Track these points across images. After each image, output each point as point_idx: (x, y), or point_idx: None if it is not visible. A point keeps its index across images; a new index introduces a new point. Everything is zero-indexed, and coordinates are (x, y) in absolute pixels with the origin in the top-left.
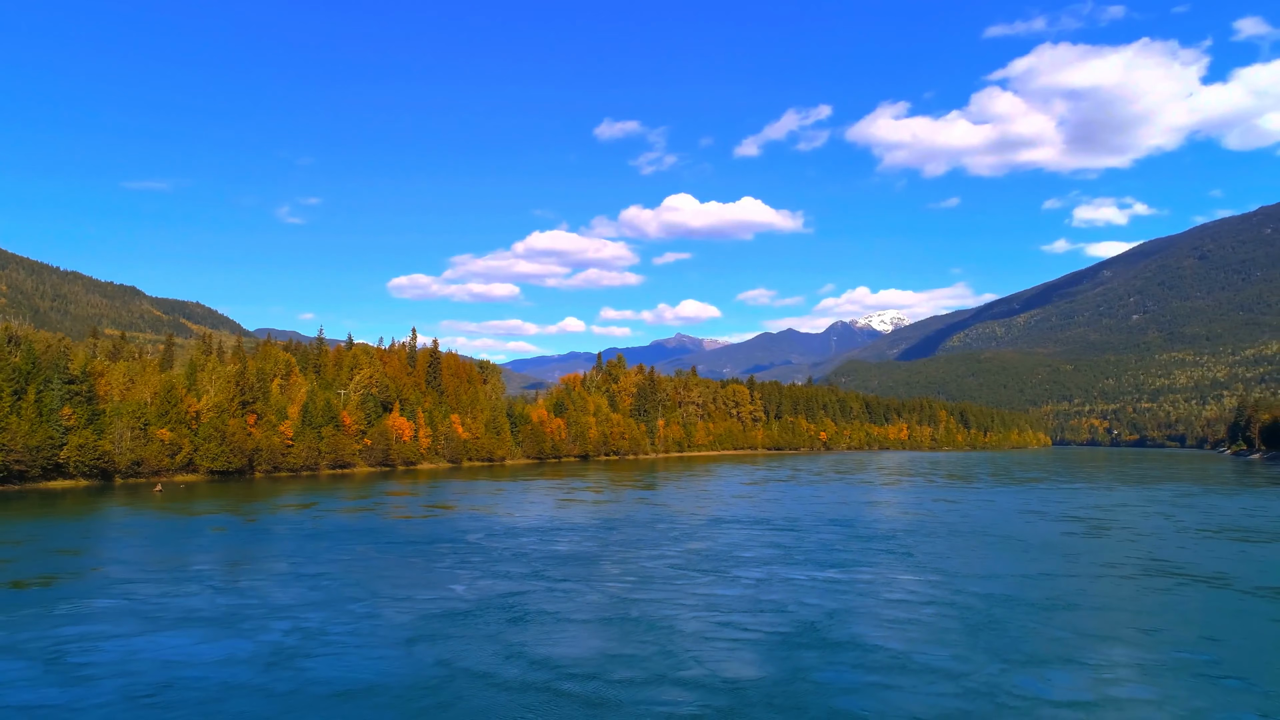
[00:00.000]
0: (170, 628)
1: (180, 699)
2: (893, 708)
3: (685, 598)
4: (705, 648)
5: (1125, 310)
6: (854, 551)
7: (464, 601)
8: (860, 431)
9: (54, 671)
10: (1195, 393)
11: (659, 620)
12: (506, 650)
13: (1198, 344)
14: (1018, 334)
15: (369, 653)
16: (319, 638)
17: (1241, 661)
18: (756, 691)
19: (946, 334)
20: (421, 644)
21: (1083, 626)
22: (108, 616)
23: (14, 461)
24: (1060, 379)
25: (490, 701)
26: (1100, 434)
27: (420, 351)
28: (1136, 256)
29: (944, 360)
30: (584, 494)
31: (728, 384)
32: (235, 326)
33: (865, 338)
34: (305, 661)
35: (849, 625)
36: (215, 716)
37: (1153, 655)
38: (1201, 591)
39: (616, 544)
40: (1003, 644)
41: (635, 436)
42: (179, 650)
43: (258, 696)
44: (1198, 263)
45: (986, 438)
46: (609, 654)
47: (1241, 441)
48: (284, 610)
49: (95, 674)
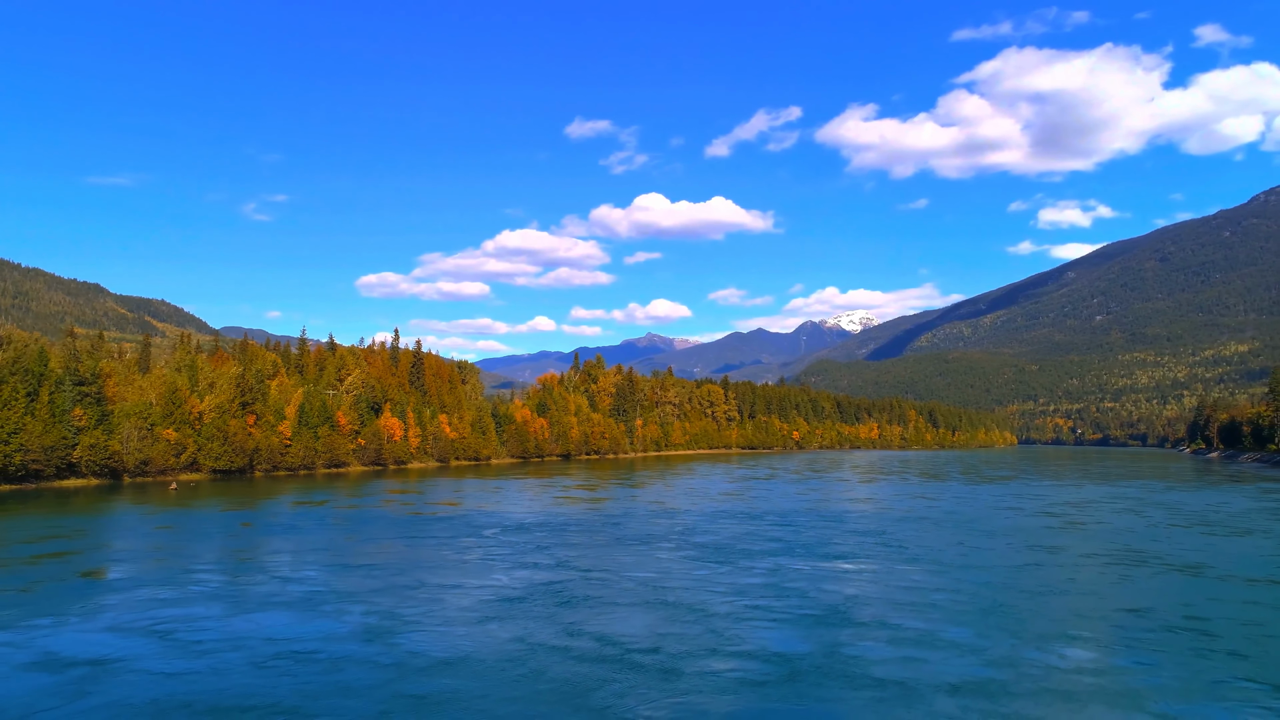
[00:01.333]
0: (257, 610)
1: (300, 668)
2: (929, 674)
3: (709, 585)
4: (744, 627)
5: (1089, 311)
6: (851, 544)
7: (511, 589)
8: (832, 431)
9: (174, 647)
10: (1156, 393)
11: (693, 604)
12: (568, 629)
13: (1159, 345)
14: (984, 334)
15: (449, 630)
16: (397, 619)
17: (1224, 637)
18: (804, 662)
19: (914, 334)
20: (492, 624)
21: (1078, 608)
22: (193, 602)
23: (31, 461)
24: (1025, 379)
25: (573, 671)
26: (1064, 433)
27: (402, 352)
28: (1100, 258)
29: (912, 360)
30: (578, 491)
31: (703, 384)
32: (201, 324)
33: (835, 338)
34: (396, 638)
35: (869, 608)
36: (340, 680)
37: (1144, 632)
38: (1179, 579)
39: (626, 538)
40: (1012, 623)
41: (615, 436)
42: (278, 629)
43: (368, 666)
44: (1159, 265)
45: (954, 437)
46: (660, 632)
47: (1200, 440)
48: (352, 596)
49: (213, 648)
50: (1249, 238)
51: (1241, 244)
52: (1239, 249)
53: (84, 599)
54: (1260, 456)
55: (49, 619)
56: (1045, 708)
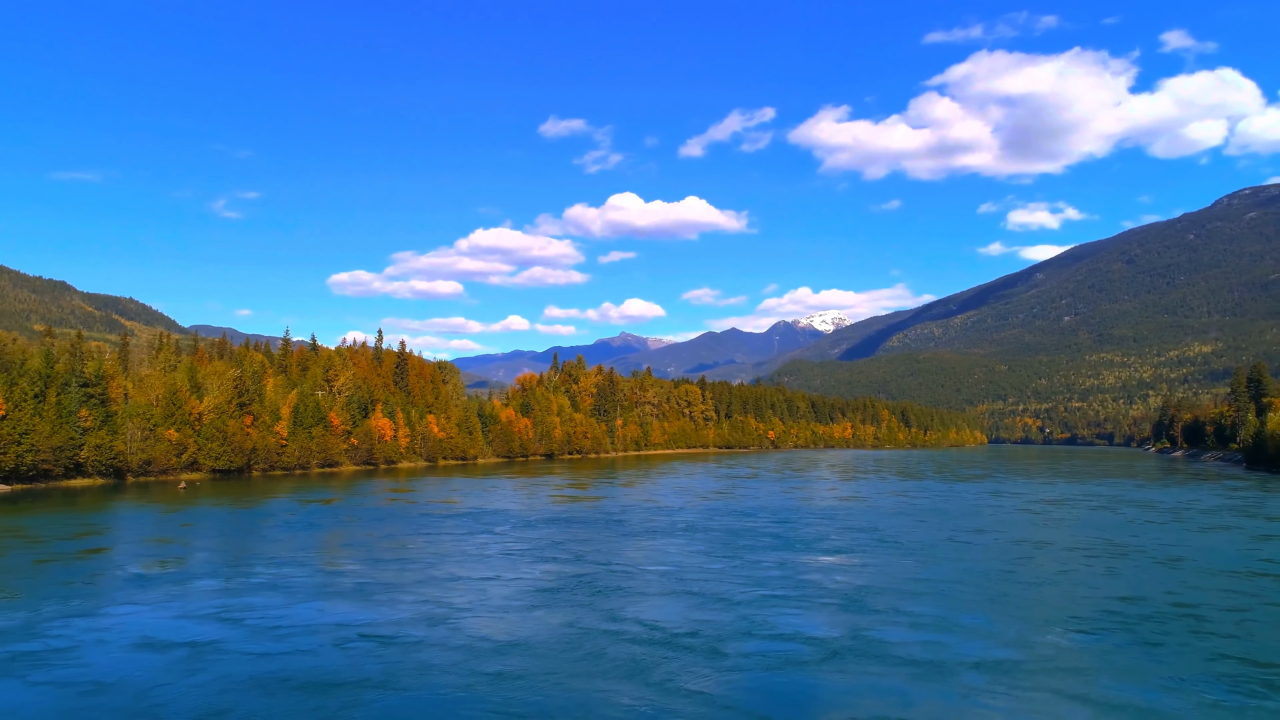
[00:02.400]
0: (315, 599)
1: (381, 649)
2: (953, 654)
3: (727, 576)
4: (771, 613)
5: (1057, 312)
6: (848, 539)
7: (544, 580)
8: (807, 430)
9: (253, 632)
10: (1122, 392)
11: (717, 593)
12: (609, 616)
13: (1125, 345)
14: (955, 335)
15: (503, 617)
16: (450, 607)
17: (1212, 621)
18: (835, 644)
19: (886, 334)
20: (538, 611)
21: (1074, 596)
22: (251, 592)
23: (41, 461)
24: (995, 379)
25: (629, 652)
26: (1033, 432)
27: (385, 352)
28: (1068, 260)
29: (884, 360)
30: (571, 490)
31: (680, 384)
32: (170, 323)
33: (807, 337)
34: (456, 623)
35: (882, 596)
36: (420, 660)
37: (1138, 619)
38: (1162, 570)
39: (633, 534)
40: (1017, 609)
41: (597, 436)
42: (342, 616)
43: (441, 648)
44: (1126, 267)
45: (926, 436)
46: (694, 618)
47: (1165, 440)
48: (398, 586)
49: (289, 633)
50: (1213, 240)
51: (1205, 246)
52: (1203, 251)
53: (151, 590)
54: (1222, 455)
55: (128, 608)
56: (1059, 681)
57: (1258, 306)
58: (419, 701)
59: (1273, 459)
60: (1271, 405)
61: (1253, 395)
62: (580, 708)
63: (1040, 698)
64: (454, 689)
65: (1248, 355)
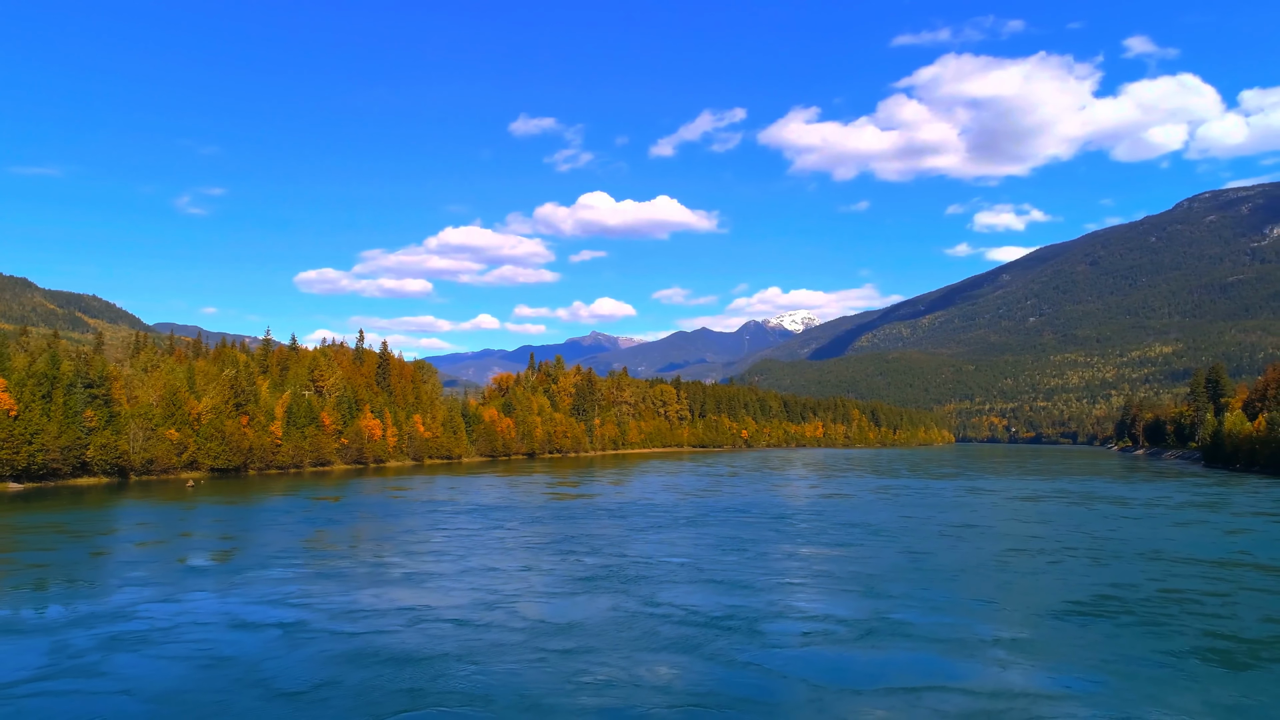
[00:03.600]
0: (371, 586)
1: (455, 629)
2: (972, 633)
3: (743, 567)
4: (796, 598)
5: (1023, 313)
6: (845, 534)
7: (576, 570)
8: (779, 430)
9: (330, 615)
10: (1086, 392)
11: (740, 581)
12: (647, 600)
13: (1088, 346)
14: (923, 335)
15: (552, 602)
16: (500, 594)
17: (1198, 604)
18: (868, 623)
19: (855, 334)
20: (581, 597)
21: (1071, 581)
22: (308, 581)
23: (51, 460)
24: (963, 378)
25: (678, 631)
26: (1000, 431)
27: (366, 352)
28: (1033, 261)
29: (854, 360)
30: (564, 488)
31: (656, 384)
32: (134, 321)
33: (777, 337)
34: (510, 608)
35: (895, 583)
36: (492, 639)
37: (1133, 598)
38: (1146, 561)
39: (640, 528)
40: (1022, 595)
41: (576, 435)
42: (404, 601)
43: (506, 629)
44: (1089, 268)
45: (896, 435)
46: (725, 602)
47: (1127, 439)
48: (443, 575)
49: (363, 615)
50: (1173, 243)
51: (1166, 249)
52: (1164, 254)
53: (217, 578)
54: (1182, 454)
55: (204, 594)
56: (1069, 655)
57: (1216, 308)
58: (502, 672)
59: (1230, 457)
60: (1229, 406)
61: (1211, 396)
62: (651, 675)
63: (1055, 667)
64: (529, 662)
65: (1207, 356)
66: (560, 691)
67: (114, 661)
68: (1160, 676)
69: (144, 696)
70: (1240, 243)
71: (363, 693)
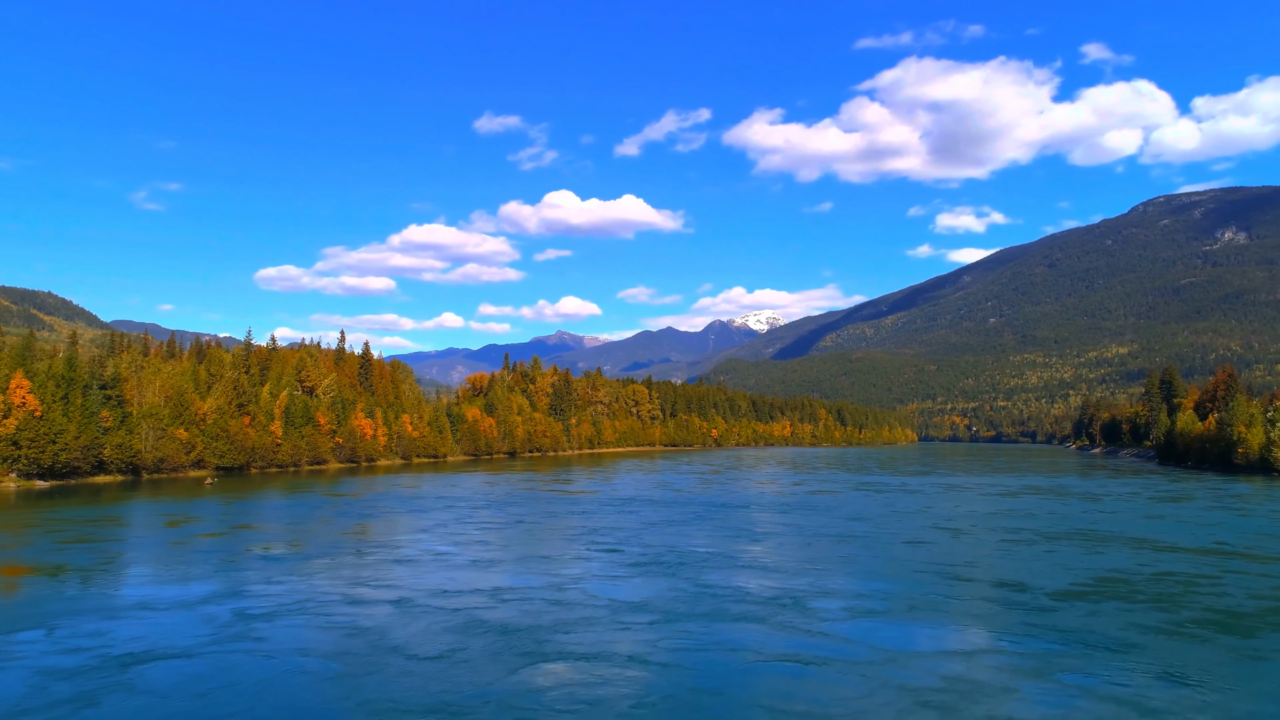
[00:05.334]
0: (445, 570)
1: (547, 607)
2: (1008, 606)
3: (772, 554)
4: (831, 579)
5: (983, 314)
6: (853, 526)
7: (617, 558)
8: (748, 429)
9: (433, 594)
10: (1045, 392)
11: (770, 565)
12: (697, 584)
13: (1047, 346)
14: (885, 335)
15: (616, 583)
16: (563, 576)
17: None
18: (904, 600)
19: (819, 334)
20: (636, 579)
21: (1070, 564)
22: (386, 566)
23: (73, 459)
24: (925, 378)
25: (740, 609)
26: (961, 430)
27: (348, 354)
28: (993, 263)
29: (818, 360)
30: (559, 485)
31: (628, 384)
32: (91, 318)
33: (742, 337)
34: (583, 588)
35: (916, 566)
36: (581, 616)
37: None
38: (1132, 550)
39: (653, 523)
40: (1032, 575)
41: (555, 435)
42: (485, 582)
43: (589, 606)
44: (1048, 270)
45: (861, 434)
46: (765, 584)
47: (1085, 437)
48: (506, 561)
49: (458, 594)
50: (1129, 246)
51: (1122, 252)
52: (1120, 256)
53: (301, 564)
54: (1137, 452)
55: (300, 578)
56: (1075, 644)
57: (1170, 310)
58: (602, 639)
59: (1182, 455)
60: (1181, 406)
61: (1165, 397)
62: (735, 641)
63: (1084, 640)
64: (623, 629)
65: (1160, 357)
66: (650, 654)
67: (269, 631)
68: (1171, 647)
69: (317, 655)
70: (1193, 246)
71: (491, 655)
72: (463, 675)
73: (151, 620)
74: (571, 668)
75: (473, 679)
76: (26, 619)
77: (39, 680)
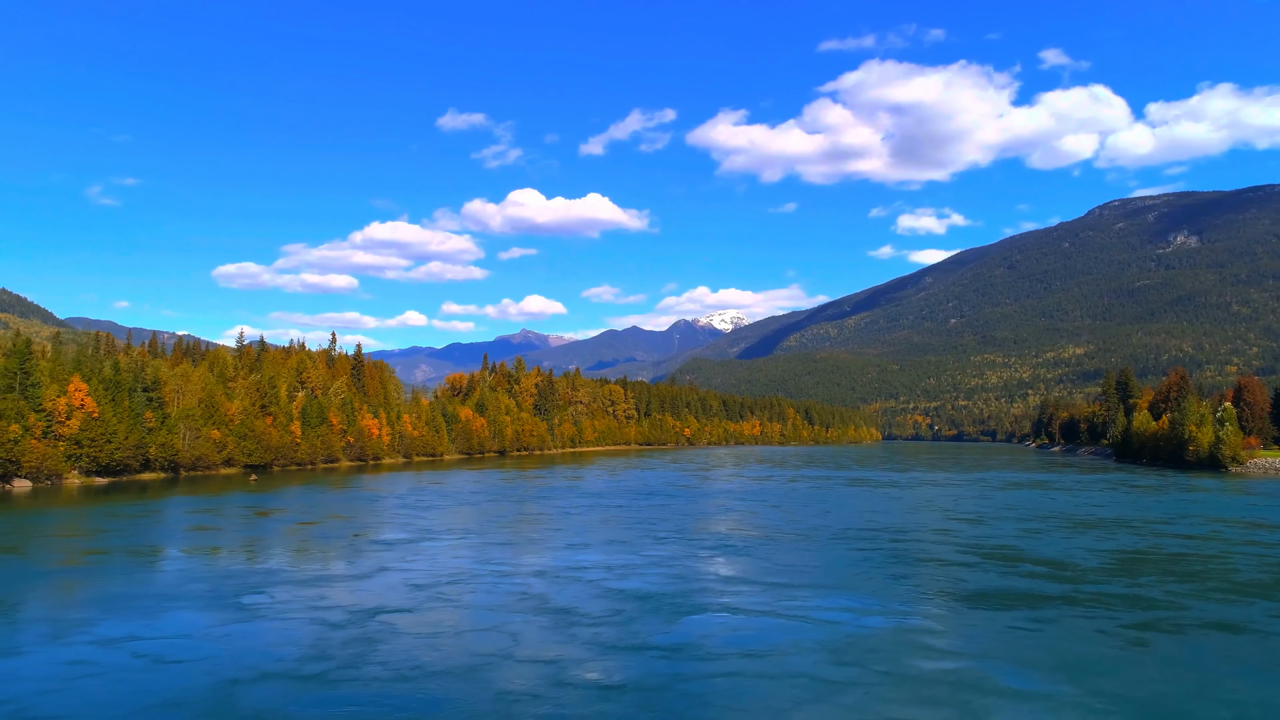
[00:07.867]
0: (548, 551)
1: (661, 580)
2: (1038, 589)
3: (788, 535)
4: (861, 565)
5: (944, 314)
6: (860, 517)
7: (654, 549)
8: (719, 428)
9: (537, 575)
10: (1005, 391)
11: (778, 557)
12: (735, 571)
13: (1006, 347)
14: (849, 335)
15: (674, 565)
16: (625, 565)
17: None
18: (908, 586)
19: (783, 334)
20: (696, 562)
21: (1062, 553)
22: (479, 550)
23: (125, 457)
24: (888, 378)
25: (788, 590)
26: (923, 429)
27: (339, 355)
28: (954, 265)
29: (782, 359)
30: (562, 482)
31: (605, 384)
32: (46, 315)
33: (707, 336)
34: (643, 575)
35: (932, 551)
36: (645, 604)
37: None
38: (1120, 537)
39: (664, 519)
40: (1030, 560)
41: (541, 434)
42: (566, 560)
43: (659, 577)
44: (1007, 272)
45: (828, 433)
46: (793, 564)
47: (1044, 436)
48: (574, 546)
49: (548, 574)
50: (1085, 248)
51: (1079, 254)
52: (1076, 259)
53: (404, 551)
54: (1095, 450)
55: (413, 561)
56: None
57: (1125, 312)
58: (693, 609)
59: (1138, 453)
60: (1137, 406)
61: (1121, 397)
62: (811, 607)
63: (1097, 599)
64: (706, 599)
65: (1116, 357)
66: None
67: (457, 594)
68: (1180, 606)
69: (503, 612)
70: (1147, 249)
71: (641, 615)
72: (617, 632)
73: (362, 588)
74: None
75: (636, 632)
76: (269, 586)
77: (321, 630)
